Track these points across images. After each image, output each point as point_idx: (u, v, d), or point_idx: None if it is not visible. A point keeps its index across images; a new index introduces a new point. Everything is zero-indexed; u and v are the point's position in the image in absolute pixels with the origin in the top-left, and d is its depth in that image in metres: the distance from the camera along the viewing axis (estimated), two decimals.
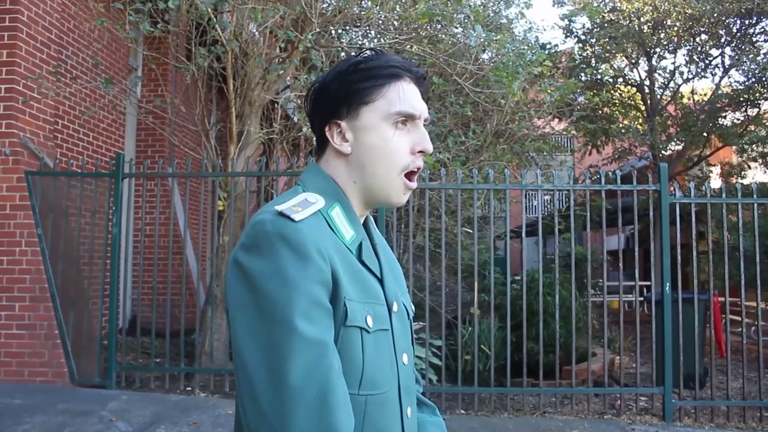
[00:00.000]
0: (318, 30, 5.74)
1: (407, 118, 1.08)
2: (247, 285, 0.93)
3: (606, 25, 12.39)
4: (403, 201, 1.13)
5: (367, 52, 1.12)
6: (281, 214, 0.96)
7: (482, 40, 6.06)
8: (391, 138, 1.07)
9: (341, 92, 1.07)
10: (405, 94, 1.08)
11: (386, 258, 1.15)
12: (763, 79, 12.07)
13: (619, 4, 12.77)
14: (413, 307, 1.25)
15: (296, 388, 0.87)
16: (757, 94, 12.27)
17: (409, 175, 1.10)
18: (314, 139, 1.15)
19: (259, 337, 0.90)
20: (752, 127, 12.17)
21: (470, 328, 5.78)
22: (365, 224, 1.14)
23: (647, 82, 13.17)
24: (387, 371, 1.04)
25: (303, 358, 0.88)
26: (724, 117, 12.78)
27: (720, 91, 12.52)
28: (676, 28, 12.44)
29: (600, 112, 12.93)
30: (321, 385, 0.88)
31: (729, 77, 13.06)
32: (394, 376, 1.06)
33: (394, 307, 1.09)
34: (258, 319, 0.91)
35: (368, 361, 0.99)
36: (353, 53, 1.12)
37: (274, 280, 0.91)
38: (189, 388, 5.45)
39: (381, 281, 1.09)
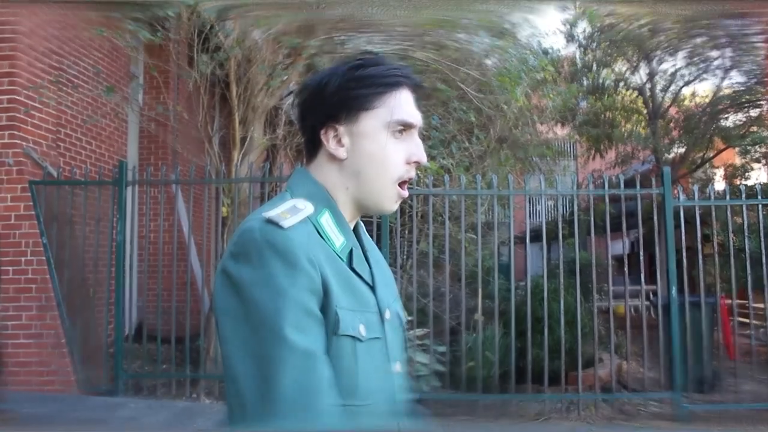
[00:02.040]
0: (322, 36, 5.74)
1: (405, 127, 1.07)
2: (236, 294, 0.91)
3: (606, 29, 12.39)
4: (394, 209, 1.11)
5: (366, 55, 1.09)
6: (270, 221, 0.94)
7: (486, 45, 6.06)
8: (387, 146, 1.05)
9: (341, 96, 1.04)
10: (404, 103, 1.07)
11: (377, 264, 1.12)
12: (763, 79, 12.05)
13: (616, 8, 12.77)
14: (406, 314, 1.22)
15: (286, 398, 0.85)
16: (758, 95, 12.26)
17: (401, 184, 1.08)
18: (304, 141, 1.12)
19: (249, 347, 0.88)
20: (754, 128, 12.16)
21: (474, 335, 5.75)
22: (355, 230, 1.11)
23: (648, 86, 13.17)
24: (380, 381, 1.02)
25: (293, 369, 0.87)
26: (726, 119, 12.78)
27: (721, 93, 12.51)
28: (675, 31, 12.43)
29: (602, 116, 12.92)
30: (311, 395, 0.87)
31: (729, 78, 13.06)
32: (387, 386, 1.04)
33: (387, 315, 1.07)
34: (247, 328, 0.89)
35: (361, 371, 0.97)
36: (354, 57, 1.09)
37: (263, 289, 0.90)
38: (194, 395, 5.44)
39: (373, 288, 1.06)
